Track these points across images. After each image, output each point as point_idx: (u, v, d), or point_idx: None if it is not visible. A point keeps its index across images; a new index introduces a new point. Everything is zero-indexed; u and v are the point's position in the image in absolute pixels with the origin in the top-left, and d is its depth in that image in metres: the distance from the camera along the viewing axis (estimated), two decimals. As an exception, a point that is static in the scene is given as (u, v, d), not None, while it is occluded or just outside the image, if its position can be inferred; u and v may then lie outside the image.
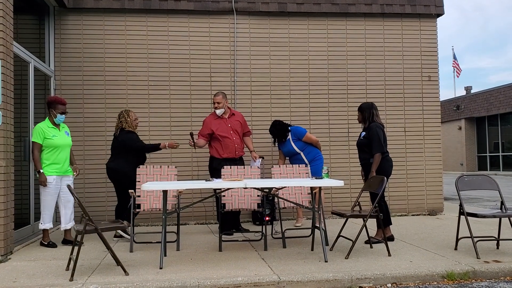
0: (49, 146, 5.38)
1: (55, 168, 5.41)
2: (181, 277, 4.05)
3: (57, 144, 5.42)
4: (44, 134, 5.36)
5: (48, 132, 5.39)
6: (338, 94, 7.88)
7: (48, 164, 5.38)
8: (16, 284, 3.92)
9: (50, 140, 5.38)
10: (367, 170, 5.59)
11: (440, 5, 8.13)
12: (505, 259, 4.58)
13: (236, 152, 6.27)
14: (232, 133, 6.26)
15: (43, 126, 5.41)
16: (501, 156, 25.44)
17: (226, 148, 6.20)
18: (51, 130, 5.44)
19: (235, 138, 6.28)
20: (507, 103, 24.16)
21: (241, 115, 6.52)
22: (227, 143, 6.20)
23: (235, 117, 6.38)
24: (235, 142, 6.26)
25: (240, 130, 6.38)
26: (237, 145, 6.27)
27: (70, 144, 5.63)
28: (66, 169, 5.57)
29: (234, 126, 6.31)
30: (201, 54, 7.60)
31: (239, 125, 6.36)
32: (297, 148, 6.68)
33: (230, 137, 6.23)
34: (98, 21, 7.40)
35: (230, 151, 6.21)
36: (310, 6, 7.78)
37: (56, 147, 5.42)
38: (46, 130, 5.39)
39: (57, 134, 5.46)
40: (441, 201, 8.07)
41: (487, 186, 5.22)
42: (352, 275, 4.09)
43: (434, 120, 8.13)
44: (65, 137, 5.57)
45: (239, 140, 6.34)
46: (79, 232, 4.14)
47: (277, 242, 5.59)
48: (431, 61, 8.16)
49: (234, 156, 6.24)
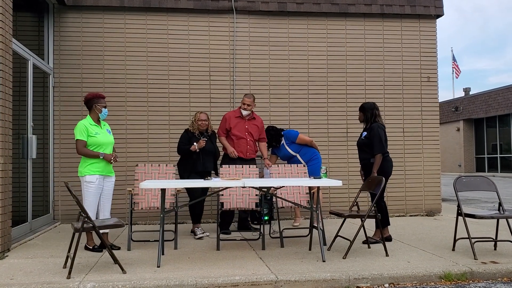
0: (92, 144, 5.05)
1: (97, 167, 5.05)
2: (178, 275, 4.05)
3: (100, 142, 5.09)
4: (87, 132, 5.04)
5: (91, 130, 5.07)
6: (337, 94, 7.88)
7: (90, 163, 5.03)
8: (13, 282, 3.91)
9: (94, 138, 5.05)
10: (367, 170, 5.58)
11: (440, 6, 8.13)
12: (503, 260, 4.59)
13: (247, 154, 6.28)
14: (247, 134, 6.29)
15: (86, 123, 5.09)
16: (499, 158, 25.48)
17: (238, 147, 6.23)
18: (94, 128, 5.11)
19: (249, 140, 6.30)
20: (505, 105, 24.19)
21: (261, 121, 6.54)
22: (240, 143, 6.24)
23: (254, 121, 6.41)
24: (248, 143, 6.28)
25: (256, 135, 6.39)
26: (249, 147, 6.29)
27: (112, 142, 5.28)
28: (109, 169, 5.20)
29: (251, 129, 6.33)
30: (201, 53, 7.60)
31: (256, 129, 6.38)
32: (292, 151, 6.72)
33: (245, 138, 6.26)
34: (97, 19, 7.39)
35: (241, 151, 6.24)
36: (310, 6, 7.78)
37: (99, 145, 5.08)
38: (89, 128, 5.07)
39: (100, 132, 5.13)
40: (439, 202, 8.08)
41: (485, 187, 5.23)
42: (349, 275, 4.09)
43: (432, 121, 8.14)
44: (107, 135, 5.23)
45: (253, 143, 6.35)
46: (77, 229, 4.14)
47: (275, 241, 5.59)
48: (430, 62, 8.16)
49: (244, 156, 6.25)
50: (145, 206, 5.56)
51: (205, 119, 6.10)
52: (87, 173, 5.01)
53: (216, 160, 6.30)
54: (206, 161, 6.05)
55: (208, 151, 6.06)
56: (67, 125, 7.18)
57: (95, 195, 5.04)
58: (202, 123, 6.07)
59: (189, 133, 6.14)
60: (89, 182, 5.00)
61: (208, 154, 6.09)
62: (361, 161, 5.72)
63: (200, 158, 6.00)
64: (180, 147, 6.10)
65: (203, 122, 6.07)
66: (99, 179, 5.05)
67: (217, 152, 6.30)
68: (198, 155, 6.00)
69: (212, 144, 6.16)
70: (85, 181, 5.01)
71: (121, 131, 7.23)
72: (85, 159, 5.05)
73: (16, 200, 5.75)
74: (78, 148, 5.01)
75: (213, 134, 6.27)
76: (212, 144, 6.16)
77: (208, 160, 6.09)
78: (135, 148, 7.37)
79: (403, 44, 8.11)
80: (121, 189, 6.71)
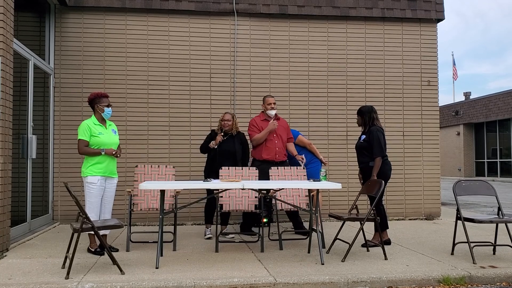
0: (94, 144, 4.97)
1: (99, 168, 4.97)
2: (177, 277, 4.05)
3: (103, 142, 4.99)
4: (90, 132, 4.97)
5: (95, 130, 4.99)
6: (337, 97, 7.88)
7: (92, 163, 4.96)
8: (11, 281, 3.91)
9: (97, 138, 4.97)
10: (366, 173, 5.59)
11: (441, 10, 8.15)
12: (501, 265, 4.58)
13: (276, 156, 6.14)
14: (275, 136, 6.18)
15: (89, 123, 5.02)
16: (499, 162, 25.48)
17: (267, 150, 6.13)
18: (98, 128, 5.03)
19: (277, 141, 6.18)
20: (505, 109, 24.21)
21: (285, 121, 6.45)
22: (269, 145, 6.14)
23: (280, 121, 6.28)
24: (276, 145, 6.16)
25: (284, 136, 6.29)
26: (278, 149, 6.16)
27: (117, 143, 5.18)
28: (112, 170, 5.11)
29: (279, 130, 6.20)
30: (201, 54, 7.61)
31: (283, 130, 6.27)
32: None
33: (273, 140, 6.16)
34: (98, 19, 7.41)
35: (270, 153, 6.12)
36: (311, 9, 7.80)
37: (102, 146, 4.98)
38: (93, 127, 5.00)
39: (103, 132, 5.05)
40: (439, 205, 8.08)
41: (485, 191, 5.23)
42: (348, 278, 4.09)
43: (432, 125, 8.14)
44: (112, 136, 5.13)
45: (281, 144, 6.22)
46: (76, 230, 4.14)
47: (274, 244, 5.59)
48: (431, 65, 8.17)
49: (274, 159, 6.14)
50: (144, 207, 5.56)
51: (228, 119, 6.11)
52: (89, 174, 4.97)
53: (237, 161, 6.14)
54: (224, 160, 6.00)
55: (226, 151, 6.04)
56: (67, 126, 7.19)
57: (97, 196, 5.00)
58: (225, 123, 6.10)
59: (212, 132, 6.23)
60: (91, 183, 4.96)
61: (226, 154, 6.04)
62: (360, 164, 5.72)
63: (216, 157, 6.02)
64: (202, 144, 6.22)
65: (226, 122, 6.09)
66: (100, 180, 5.00)
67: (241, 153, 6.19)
68: (215, 154, 6.03)
69: (234, 144, 6.11)
70: (87, 181, 4.98)
71: (121, 132, 7.20)
72: (88, 159, 5.00)
73: (16, 200, 5.74)
74: (79, 147, 4.98)
75: (238, 135, 6.22)
76: (234, 145, 6.10)
77: (226, 160, 6.01)
78: (135, 149, 7.37)
79: (404, 48, 8.12)
80: (121, 190, 6.71)
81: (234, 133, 6.17)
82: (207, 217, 6.20)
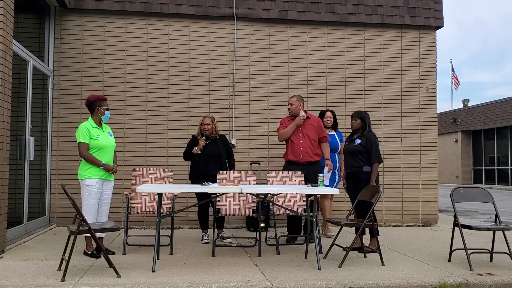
0: (93, 147, 5.00)
1: (97, 171, 4.99)
2: (173, 281, 4.03)
3: (102, 145, 5.04)
4: (89, 134, 5.00)
5: (93, 132, 5.02)
6: (336, 102, 7.89)
7: (90, 166, 4.98)
8: (7, 283, 3.89)
9: (95, 141, 5.00)
10: (355, 179, 5.57)
11: (440, 18, 8.18)
12: (498, 272, 4.58)
13: (301, 156, 5.98)
14: (301, 135, 6.03)
15: (88, 125, 5.04)
16: (497, 170, 25.53)
17: (291, 150, 6.05)
18: (96, 130, 5.06)
19: (302, 141, 6.00)
20: (503, 117, 24.28)
21: (318, 120, 6.24)
22: (293, 146, 6.05)
23: (309, 120, 6.09)
24: (301, 145, 5.99)
25: (313, 135, 6.06)
26: (302, 149, 5.98)
27: (113, 145, 5.23)
28: (109, 173, 5.15)
29: (305, 130, 6.05)
30: (201, 58, 7.62)
31: (312, 129, 6.06)
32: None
33: (297, 140, 6.04)
34: (98, 22, 7.41)
35: (294, 154, 6.02)
36: (311, 15, 7.82)
37: (100, 148, 5.03)
38: (91, 130, 5.02)
39: (101, 135, 5.09)
40: (436, 212, 8.08)
41: (482, 198, 5.23)
42: (345, 283, 4.08)
43: (431, 132, 8.15)
44: (109, 138, 5.19)
45: (308, 144, 6.01)
46: (73, 232, 4.12)
47: (271, 248, 5.57)
48: (430, 72, 8.19)
49: (298, 160, 6.01)
50: (142, 210, 5.55)
51: (208, 123, 6.06)
52: (87, 177, 4.96)
53: (222, 164, 6.12)
54: (210, 164, 5.98)
55: (210, 154, 6.01)
56: (65, 128, 7.18)
57: (95, 199, 4.99)
58: (204, 127, 6.04)
59: (194, 138, 6.17)
60: (89, 186, 4.95)
61: (211, 157, 6.01)
62: (351, 168, 5.63)
63: (201, 162, 5.99)
64: (184, 151, 6.15)
65: (206, 126, 6.04)
66: (98, 182, 5.00)
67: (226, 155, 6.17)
68: (199, 159, 6.00)
69: (218, 147, 6.08)
70: (85, 184, 4.97)
71: (119, 135, 7.22)
72: (86, 162, 5.01)
73: (12, 201, 5.74)
74: (81, 151, 4.96)
75: (221, 138, 6.20)
76: (218, 148, 6.07)
77: (212, 164, 6.00)
78: (133, 152, 7.36)
79: (403, 55, 8.15)
80: (118, 193, 6.70)
81: (216, 137, 6.12)
82: (201, 223, 6.17)
